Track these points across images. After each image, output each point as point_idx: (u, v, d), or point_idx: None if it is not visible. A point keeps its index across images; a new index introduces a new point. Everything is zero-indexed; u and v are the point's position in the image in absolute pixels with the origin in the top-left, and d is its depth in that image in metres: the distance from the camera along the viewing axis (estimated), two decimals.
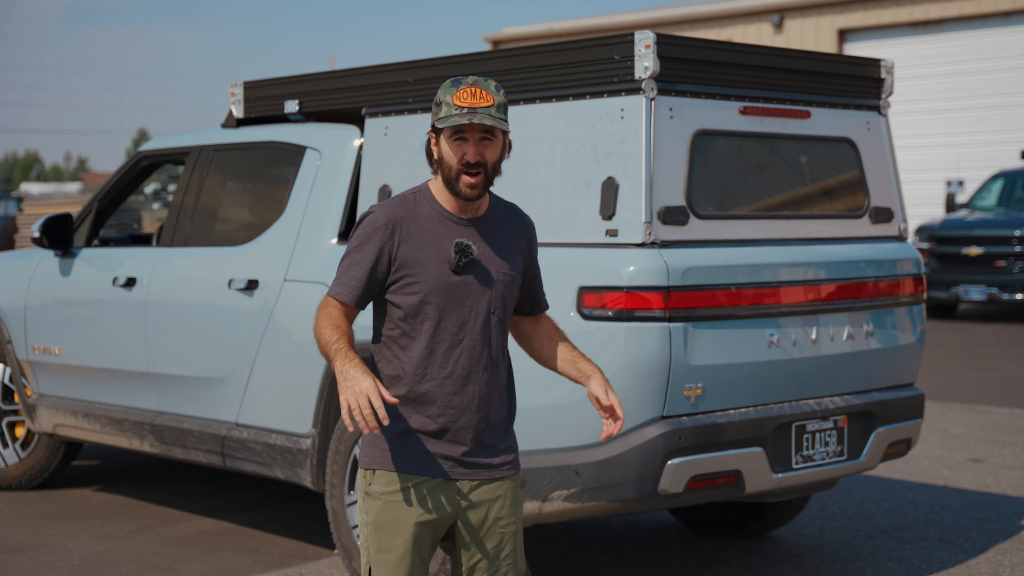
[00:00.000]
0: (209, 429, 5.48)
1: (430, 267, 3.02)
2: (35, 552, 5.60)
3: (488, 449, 3.09)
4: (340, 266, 3.09)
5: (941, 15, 22.00)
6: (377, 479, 3.07)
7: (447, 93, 3.00)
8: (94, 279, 6.13)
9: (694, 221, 4.42)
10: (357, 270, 3.04)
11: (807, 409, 4.65)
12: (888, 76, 5.18)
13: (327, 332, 2.99)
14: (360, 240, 3.05)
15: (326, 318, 3.03)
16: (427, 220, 3.05)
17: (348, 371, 2.87)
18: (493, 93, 3.01)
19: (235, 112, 5.92)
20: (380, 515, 3.05)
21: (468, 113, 2.95)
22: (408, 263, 3.02)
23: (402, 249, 3.02)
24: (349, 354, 2.91)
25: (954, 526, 5.93)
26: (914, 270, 5.14)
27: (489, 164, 3.01)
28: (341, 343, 2.95)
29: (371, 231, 3.03)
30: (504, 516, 3.12)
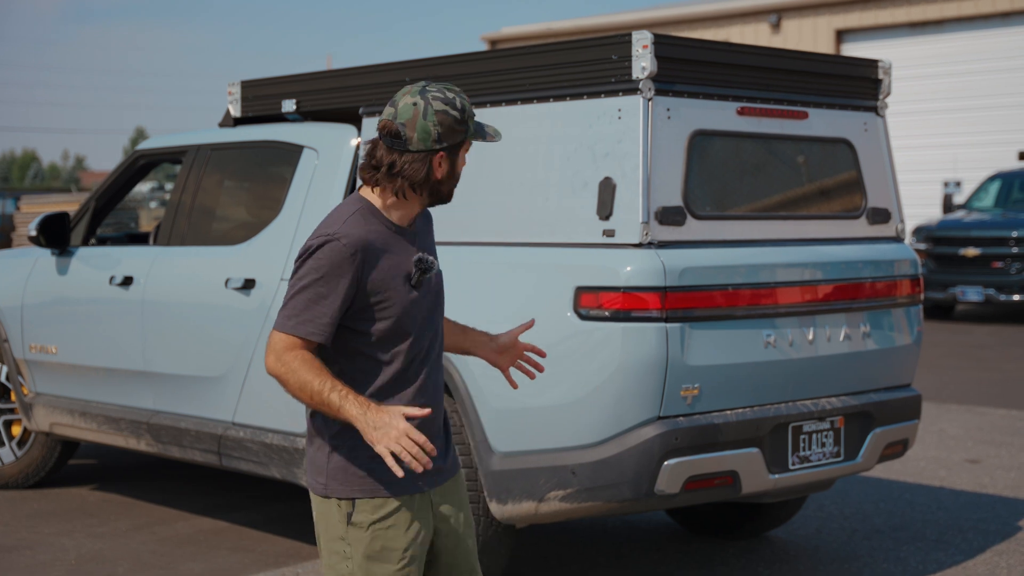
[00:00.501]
0: (206, 428, 5.48)
1: (398, 288, 2.86)
2: (31, 551, 5.59)
3: (442, 451, 3.01)
4: (298, 299, 2.80)
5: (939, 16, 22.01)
6: (360, 508, 2.86)
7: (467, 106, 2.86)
8: (91, 278, 6.12)
9: (691, 221, 4.41)
10: (326, 305, 2.79)
11: (804, 410, 4.65)
12: (886, 77, 5.18)
13: (314, 380, 2.75)
14: (327, 271, 2.79)
15: (300, 363, 2.76)
16: (383, 238, 2.86)
17: (372, 417, 2.72)
18: None
19: (232, 111, 5.91)
20: (370, 546, 2.86)
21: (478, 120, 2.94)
22: (378, 288, 2.83)
23: (372, 274, 2.83)
24: (358, 397, 2.75)
25: (951, 527, 5.94)
26: (911, 271, 5.14)
27: None
28: (339, 387, 2.75)
29: (339, 261, 2.79)
30: (469, 519, 3.07)
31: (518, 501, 4.42)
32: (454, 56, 4.93)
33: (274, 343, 2.82)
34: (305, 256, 2.83)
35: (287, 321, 2.81)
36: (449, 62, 4.92)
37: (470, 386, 4.48)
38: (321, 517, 2.91)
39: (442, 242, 4.76)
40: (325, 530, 2.91)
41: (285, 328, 2.81)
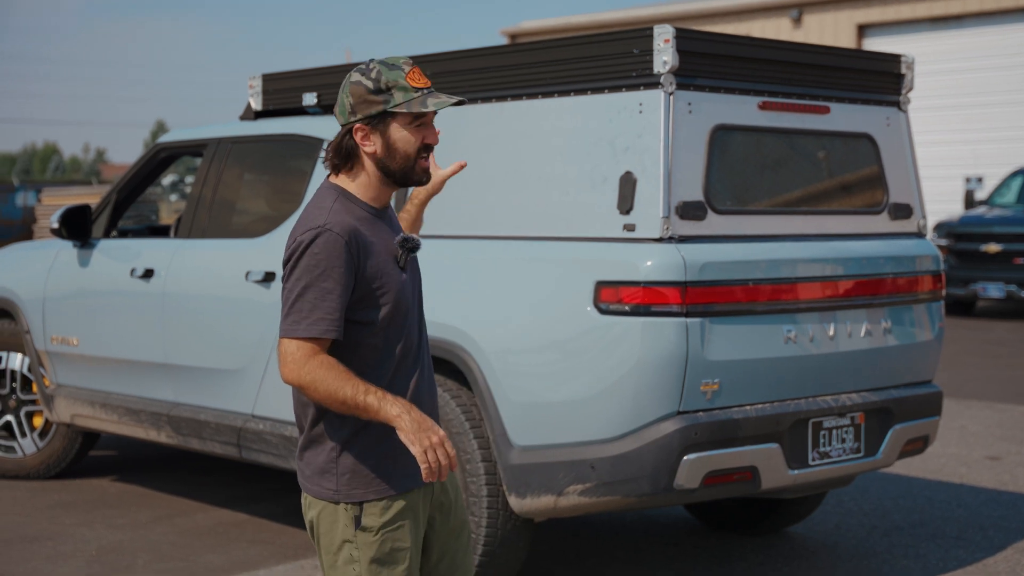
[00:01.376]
0: (226, 420, 5.50)
1: (389, 272, 2.79)
2: (52, 541, 5.62)
3: None
4: (304, 300, 2.69)
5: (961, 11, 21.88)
6: (369, 511, 2.79)
7: (394, 76, 2.75)
8: (112, 270, 6.15)
9: (712, 216, 4.40)
10: (334, 300, 2.69)
11: (824, 405, 4.64)
12: (908, 72, 5.15)
13: (345, 386, 2.66)
14: (326, 265, 2.69)
15: (325, 369, 2.67)
16: (367, 223, 2.79)
17: (416, 417, 2.66)
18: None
19: (253, 105, 5.92)
20: (380, 549, 2.79)
21: (430, 95, 2.76)
22: (375, 275, 2.76)
23: (368, 261, 2.76)
24: (396, 397, 2.69)
25: (971, 524, 5.91)
26: (932, 267, 5.12)
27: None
28: (373, 388, 2.68)
29: (336, 253, 2.70)
30: (463, 507, 3.02)
31: (537, 495, 4.42)
32: (474, 50, 4.93)
33: (289, 352, 2.70)
34: (298, 254, 2.72)
35: (297, 326, 2.69)
36: (469, 56, 4.92)
37: (489, 380, 4.49)
38: (323, 521, 2.82)
39: (461, 236, 4.78)
40: (327, 535, 2.82)
41: (297, 333, 2.69)
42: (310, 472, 2.83)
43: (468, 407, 4.60)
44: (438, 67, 4.97)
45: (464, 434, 4.56)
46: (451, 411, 4.59)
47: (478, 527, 4.55)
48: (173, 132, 6.45)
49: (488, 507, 4.53)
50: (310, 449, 2.84)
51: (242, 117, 6.04)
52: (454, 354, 4.57)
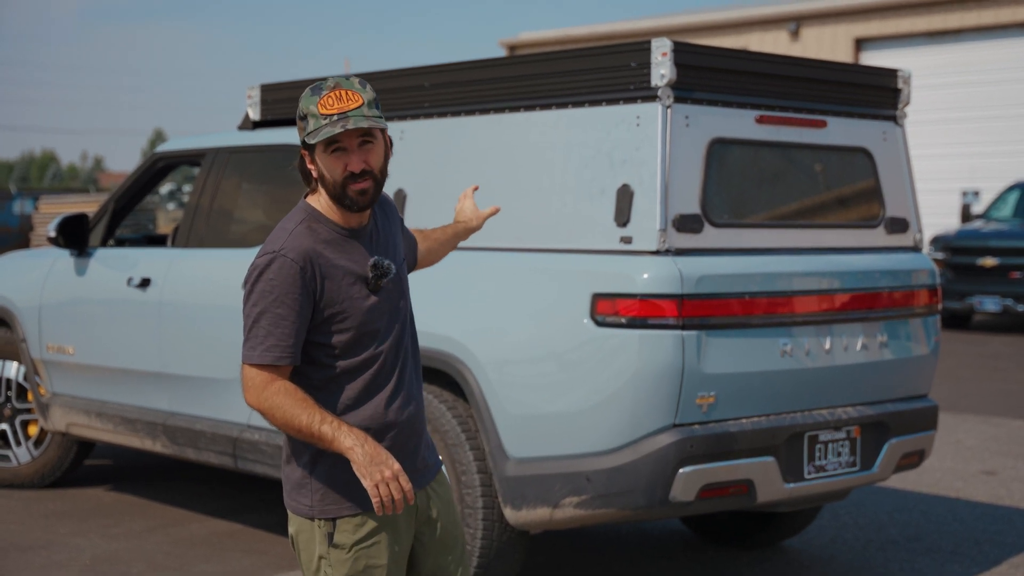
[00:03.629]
0: (221, 430, 5.49)
1: (354, 296, 2.74)
2: (46, 551, 5.61)
3: (427, 450, 2.92)
4: (258, 327, 2.68)
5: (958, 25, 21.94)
6: (341, 527, 2.76)
7: (309, 103, 2.70)
8: (109, 279, 6.15)
9: (709, 229, 4.41)
10: (287, 325, 2.67)
11: (820, 419, 4.64)
12: (905, 86, 5.17)
13: (301, 414, 2.65)
14: (280, 292, 2.67)
15: (284, 396, 2.66)
16: (332, 246, 2.75)
17: (369, 449, 2.64)
18: (360, 91, 2.71)
19: (251, 114, 5.93)
20: (353, 566, 2.76)
21: (339, 120, 2.67)
22: (335, 299, 2.72)
23: (326, 285, 2.71)
24: (351, 428, 2.66)
25: (966, 539, 5.91)
26: (929, 281, 5.12)
27: (376, 169, 2.74)
28: (329, 418, 2.66)
29: (289, 279, 2.67)
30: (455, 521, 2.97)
31: (533, 507, 4.42)
32: (472, 62, 4.94)
33: (249, 379, 2.70)
34: (254, 278, 2.71)
35: (253, 352, 2.69)
36: (467, 68, 4.93)
37: (485, 391, 4.49)
38: (301, 537, 2.82)
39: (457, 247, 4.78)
40: (305, 550, 2.81)
41: (253, 359, 2.69)
42: (289, 487, 2.84)
43: (464, 418, 4.60)
44: (436, 78, 4.98)
45: (460, 445, 4.56)
46: (447, 422, 4.59)
47: (473, 539, 4.54)
48: (171, 141, 6.46)
49: (483, 519, 4.53)
50: (289, 464, 2.84)
51: (240, 127, 6.05)
52: (450, 365, 4.57)
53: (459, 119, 4.86)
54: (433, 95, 4.97)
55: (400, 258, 2.90)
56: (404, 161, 5.03)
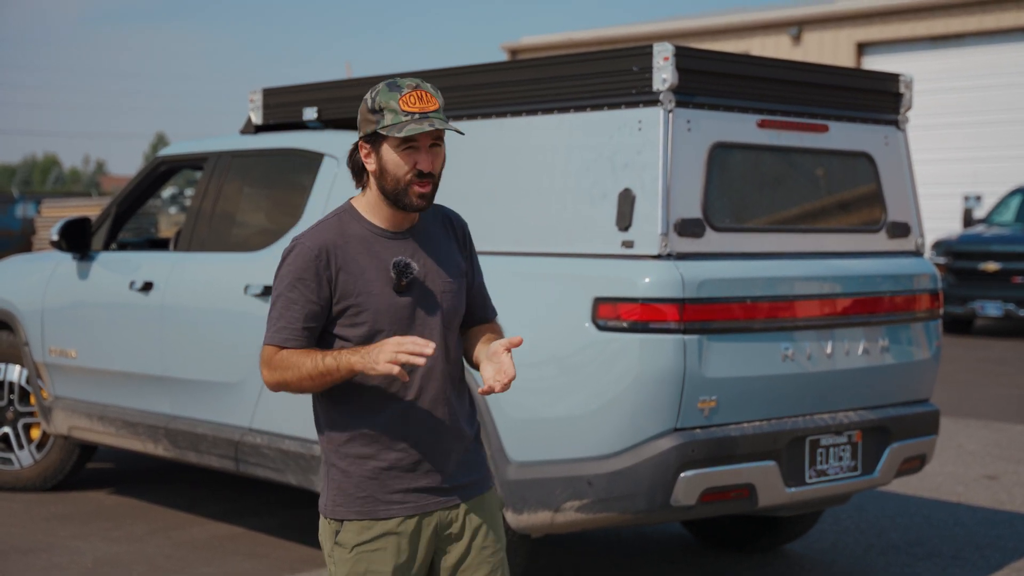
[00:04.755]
0: (223, 434, 5.50)
1: (374, 292, 2.75)
2: (48, 553, 5.62)
3: (464, 469, 2.86)
4: (273, 311, 2.78)
5: (960, 30, 21.95)
6: (348, 529, 2.80)
7: (389, 98, 2.71)
8: (111, 283, 6.16)
9: (710, 233, 4.41)
10: (296, 310, 2.75)
11: (821, 423, 4.64)
12: (907, 91, 5.17)
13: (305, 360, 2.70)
14: (293, 277, 2.75)
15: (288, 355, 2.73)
16: (360, 241, 2.78)
17: (369, 350, 2.64)
18: (436, 95, 2.75)
19: (254, 118, 5.94)
20: (353, 568, 2.78)
21: (421, 119, 2.69)
22: (350, 292, 2.75)
23: (341, 277, 2.75)
24: (355, 349, 2.69)
25: (968, 543, 5.91)
26: (930, 285, 5.13)
27: (438, 173, 2.77)
28: (332, 352, 2.70)
29: (303, 265, 2.75)
30: (489, 545, 2.89)
31: (534, 511, 4.42)
32: (474, 66, 4.95)
33: (263, 356, 2.79)
34: (279, 264, 2.81)
35: (268, 332, 2.79)
36: (469, 72, 4.93)
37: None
38: (320, 532, 2.88)
39: None
40: (322, 544, 2.88)
41: (267, 339, 2.78)
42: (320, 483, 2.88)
43: None
44: (439, 82, 4.97)
45: None
46: None
47: None
48: (173, 145, 6.47)
49: None
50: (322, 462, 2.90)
51: (242, 131, 6.05)
52: None
53: (461, 123, 4.86)
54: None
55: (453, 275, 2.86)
56: None
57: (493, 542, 2.90)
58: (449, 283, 2.85)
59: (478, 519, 2.88)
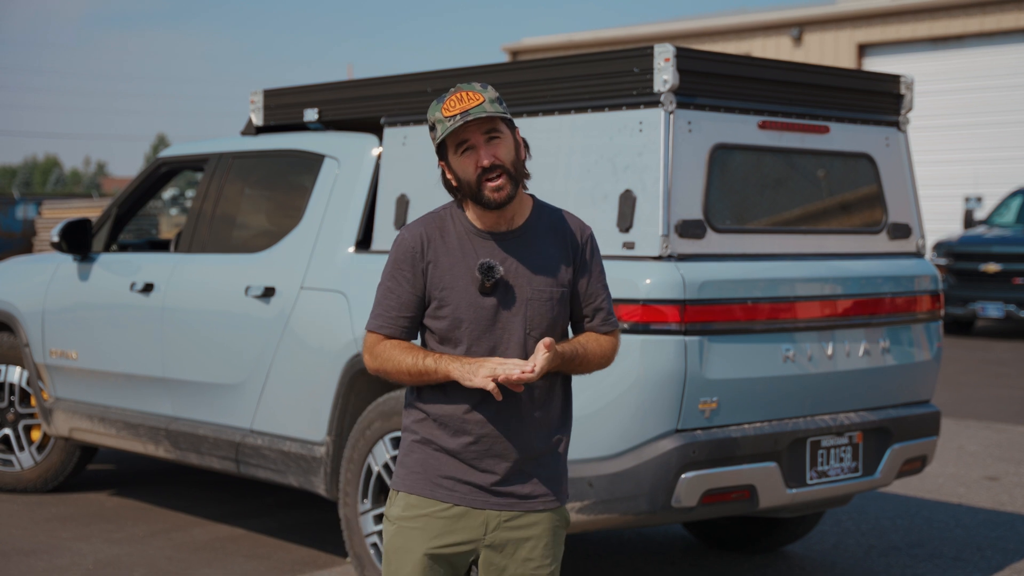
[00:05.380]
0: (224, 435, 5.50)
1: (458, 288, 2.82)
2: (49, 555, 5.62)
3: (525, 479, 2.85)
4: (377, 295, 2.90)
5: (961, 31, 21.96)
6: (397, 501, 2.90)
7: (435, 111, 2.82)
8: (112, 284, 6.16)
9: (711, 235, 4.41)
10: (393, 298, 2.85)
11: (822, 425, 4.64)
12: (908, 92, 5.17)
13: (407, 356, 2.80)
14: (393, 265, 2.87)
15: (391, 348, 2.82)
16: (456, 238, 2.85)
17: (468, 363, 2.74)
18: (481, 91, 2.79)
19: (255, 120, 5.94)
20: (392, 540, 2.89)
21: (460, 118, 2.76)
22: (438, 285, 2.83)
23: (432, 270, 2.84)
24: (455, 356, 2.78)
25: (969, 544, 5.91)
26: (931, 287, 5.12)
27: (507, 163, 2.79)
28: (434, 354, 2.79)
29: (402, 254, 2.85)
30: (535, 558, 2.86)
31: None
32: (476, 67, 4.95)
33: (365, 342, 2.90)
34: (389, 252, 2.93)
35: (369, 317, 2.90)
36: (470, 73, 4.93)
37: None
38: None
39: None
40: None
41: (367, 325, 2.90)
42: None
43: None
44: (440, 84, 4.98)
45: None
46: None
47: None
48: (174, 147, 6.47)
49: None
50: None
51: (243, 132, 6.05)
52: None
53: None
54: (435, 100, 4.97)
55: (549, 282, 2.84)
56: (407, 166, 5.03)
57: (540, 557, 2.88)
58: (539, 290, 2.84)
59: (530, 532, 2.86)
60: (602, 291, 2.95)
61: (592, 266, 2.93)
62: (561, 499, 2.92)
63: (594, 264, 2.94)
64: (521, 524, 2.86)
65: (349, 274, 5.05)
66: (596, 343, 2.92)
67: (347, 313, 4.95)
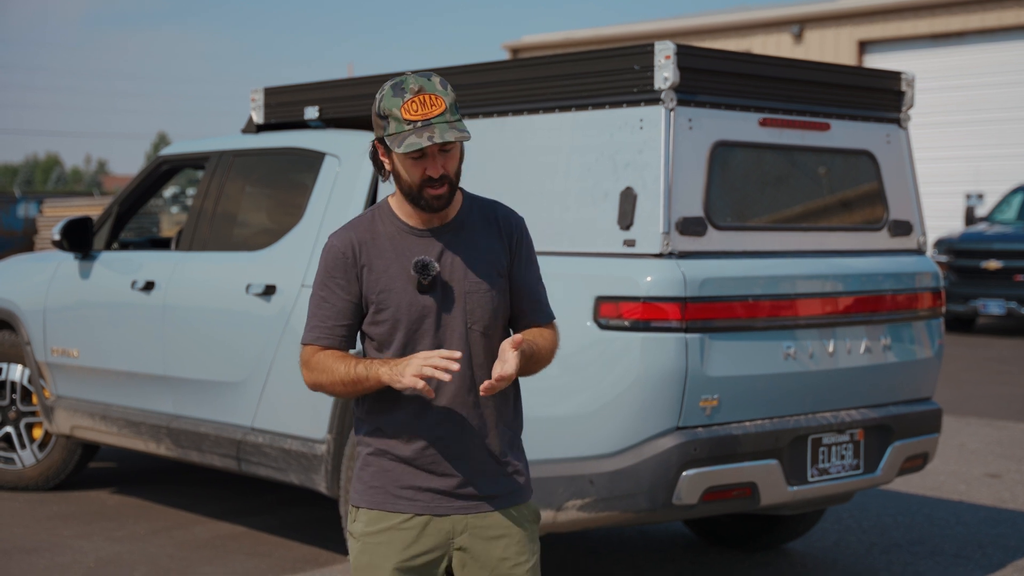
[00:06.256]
0: (225, 433, 5.50)
1: (396, 290, 2.73)
2: (50, 553, 5.62)
3: (486, 479, 2.80)
4: (310, 307, 2.79)
5: (962, 28, 21.94)
6: (359, 517, 2.81)
7: (392, 104, 2.65)
8: (113, 282, 6.16)
9: (712, 232, 4.41)
10: (328, 307, 2.75)
11: (823, 422, 4.64)
12: (909, 89, 5.17)
13: (339, 365, 2.70)
14: (325, 274, 2.77)
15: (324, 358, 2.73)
16: (387, 238, 2.76)
17: (395, 364, 2.64)
18: (443, 94, 2.67)
19: (255, 118, 5.94)
20: (358, 558, 2.79)
21: (423, 128, 2.62)
22: (374, 288, 2.74)
23: (367, 274, 2.74)
24: (384, 360, 2.68)
25: (970, 542, 5.91)
26: (932, 284, 5.12)
27: (452, 175, 2.72)
28: (365, 361, 2.69)
29: (333, 261, 2.75)
30: (511, 556, 2.80)
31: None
32: (475, 65, 4.95)
33: (301, 355, 2.80)
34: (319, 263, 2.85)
35: (304, 330, 2.81)
36: (470, 71, 4.93)
37: None
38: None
39: None
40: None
41: (303, 338, 2.81)
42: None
43: None
44: None
45: None
46: None
47: None
48: (175, 145, 6.47)
49: None
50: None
51: (244, 130, 6.05)
52: None
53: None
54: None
55: (486, 274, 2.78)
56: None
57: (516, 555, 2.81)
58: (477, 283, 2.77)
59: (499, 531, 2.81)
60: (536, 283, 2.87)
61: (524, 256, 2.85)
62: (525, 494, 2.86)
63: (528, 255, 2.86)
64: (489, 524, 2.80)
65: None
66: (542, 338, 2.84)
67: None
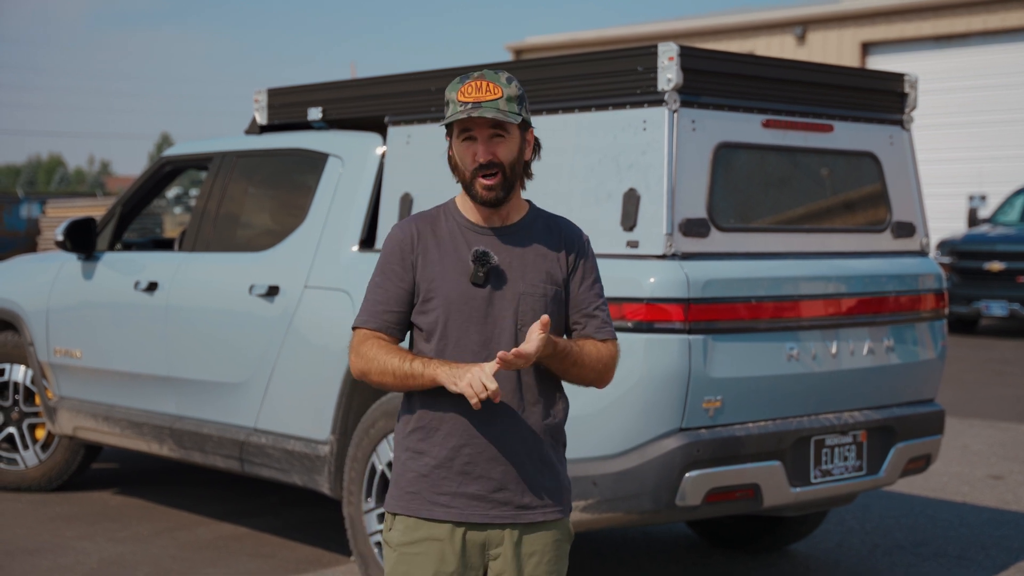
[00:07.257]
0: (228, 434, 5.50)
1: (448, 280, 2.73)
2: (53, 554, 5.62)
3: (524, 488, 2.75)
4: (366, 291, 2.83)
5: (965, 29, 21.93)
6: (396, 525, 2.78)
7: (453, 90, 2.73)
8: (116, 283, 6.16)
9: (715, 233, 4.41)
10: (380, 292, 2.77)
11: (826, 423, 4.64)
12: (912, 91, 5.17)
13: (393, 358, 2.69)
14: (383, 261, 2.80)
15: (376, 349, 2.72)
16: (447, 232, 2.78)
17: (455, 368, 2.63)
18: (503, 85, 2.70)
19: (258, 119, 5.95)
20: (395, 568, 2.77)
21: (472, 108, 2.67)
22: (427, 277, 2.75)
23: (421, 262, 2.76)
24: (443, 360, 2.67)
25: (973, 543, 5.90)
26: (935, 285, 5.12)
27: (506, 164, 2.71)
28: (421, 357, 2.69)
29: (390, 250, 2.79)
30: (540, 575, 2.77)
31: None
32: (479, 66, 4.94)
33: (351, 341, 2.80)
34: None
35: (357, 314, 2.82)
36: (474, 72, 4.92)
37: None
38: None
39: None
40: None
41: (354, 322, 2.81)
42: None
43: None
44: (443, 83, 4.98)
45: None
46: None
47: None
48: (178, 145, 6.48)
49: None
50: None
51: (247, 131, 6.06)
52: None
53: None
54: (439, 99, 4.98)
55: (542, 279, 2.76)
56: (411, 165, 5.04)
57: (544, 574, 2.78)
58: (533, 285, 2.75)
59: (532, 547, 2.77)
60: (595, 299, 2.84)
61: (586, 271, 2.84)
62: (564, 511, 2.82)
63: (588, 270, 2.85)
64: (525, 539, 2.76)
65: (353, 273, 5.05)
66: (593, 346, 2.80)
67: (351, 312, 4.95)
